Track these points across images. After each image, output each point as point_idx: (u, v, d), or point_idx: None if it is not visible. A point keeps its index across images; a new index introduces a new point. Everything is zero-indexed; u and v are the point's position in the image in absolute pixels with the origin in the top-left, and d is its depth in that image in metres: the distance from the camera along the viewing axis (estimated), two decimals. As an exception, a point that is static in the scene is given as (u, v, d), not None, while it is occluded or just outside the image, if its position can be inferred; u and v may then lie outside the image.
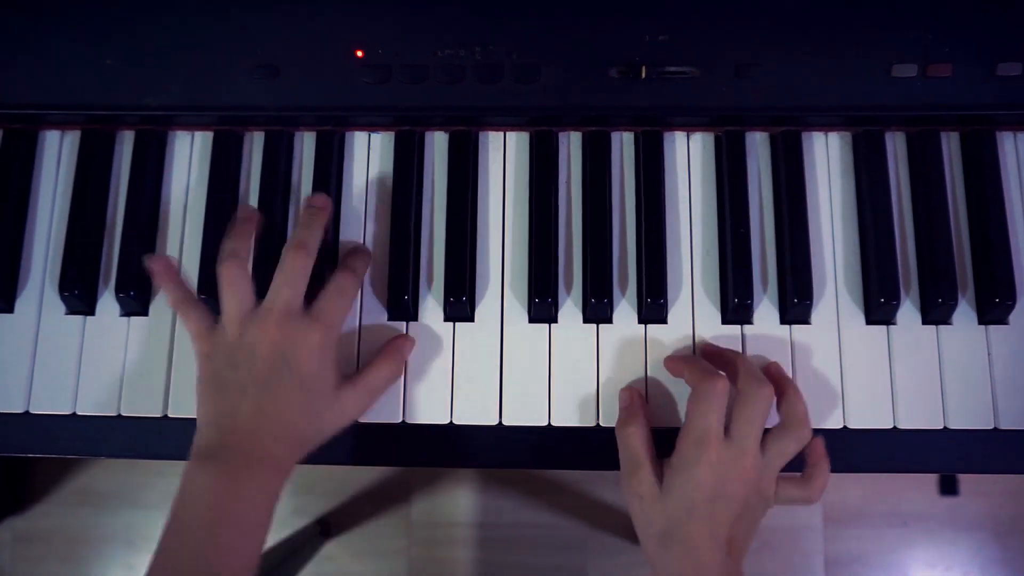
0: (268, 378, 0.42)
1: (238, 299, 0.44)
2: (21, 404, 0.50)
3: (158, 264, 0.48)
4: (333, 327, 0.45)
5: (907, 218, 0.52)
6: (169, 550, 0.39)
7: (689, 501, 0.42)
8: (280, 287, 0.44)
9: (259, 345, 0.42)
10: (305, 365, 0.42)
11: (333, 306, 0.45)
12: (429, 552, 1.14)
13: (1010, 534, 1.15)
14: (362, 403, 0.46)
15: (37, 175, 0.53)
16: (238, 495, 0.40)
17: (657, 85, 0.50)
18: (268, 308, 0.43)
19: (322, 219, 0.48)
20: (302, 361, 0.42)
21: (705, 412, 0.43)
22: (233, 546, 0.39)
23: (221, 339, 0.44)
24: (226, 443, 0.41)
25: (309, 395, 0.43)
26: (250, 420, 0.41)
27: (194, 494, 0.40)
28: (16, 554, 1.16)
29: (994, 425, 0.48)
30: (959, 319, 0.50)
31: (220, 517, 0.39)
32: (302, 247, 0.45)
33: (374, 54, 0.50)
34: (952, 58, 0.49)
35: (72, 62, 0.51)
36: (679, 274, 0.51)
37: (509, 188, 0.52)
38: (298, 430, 0.43)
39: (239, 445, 0.41)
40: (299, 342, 0.42)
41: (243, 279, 0.45)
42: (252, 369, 0.42)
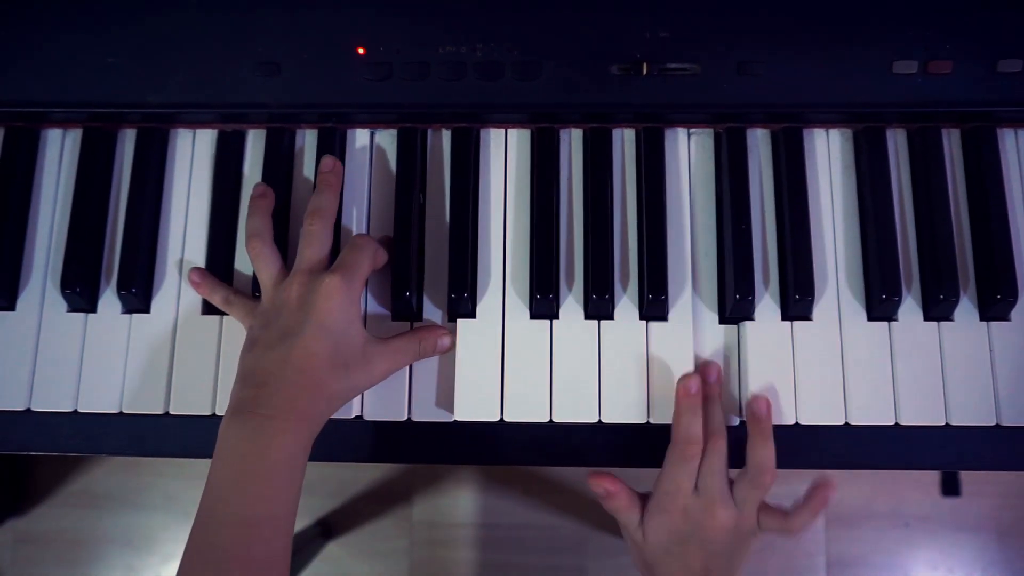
0: (293, 329, 0.43)
1: (268, 270, 0.47)
2: (23, 402, 0.50)
3: (194, 275, 0.50)
4: (352, 277, 0.45)
5: (908, 215, 0.52)
6: (205, 507, 0.40)
7: (663, 543, 0.48)
8: (303, 250, 0.47)
9: (286, 301, 0.44)
10: (327, 314, 0.43)
11: (350, 258, 0.46)
12: (430, 552, 1.14)
13: (1012, 535, 1.14)
14: (388, 365, 0.47)
15: (39, 173, 0.53)
16: (268, 445, 0.40)
17: (658, 82, 0.50)
18: (295, 271, 0.46)
19: (335, 182, 0.50)
20: (324, 310, 0.43)
21: (676, 473, 0.47)
22: (265, 496, 0.40)
23: (259, 308, 0.47)
24: (254, 396, 0.42)
25: (335, 346, 0.43)
26: (276, 372, 0.42)
27: (224, 448, 0.41)
28: (17, 555, 1.16)
29: (996, 422, 0.48)
30: (961, 315, 0.50)
31: (250, 468, 0.40)
32: (318, 212, 0.48)
33: (376, 51, 0.50)
34: (953, 55, 0.49)
35: (74, 60, 0.51)
36: (680, 270, 0.51)
37: (511, 185, 0.52)
38: (324, 382, 0.43)
39: (266, 397, 0.41)
40: (319, 292, 0.44)
41: (269, 252, 0.48)
42: (279, 324, 0.44)
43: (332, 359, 0.43)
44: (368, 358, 0.46)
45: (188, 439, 0.50)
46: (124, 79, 0.51)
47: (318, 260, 0.47)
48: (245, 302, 0.49)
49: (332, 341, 0.44)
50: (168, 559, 1.15)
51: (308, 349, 0.43)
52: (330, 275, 0.45)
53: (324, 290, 0.44)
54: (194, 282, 0.50)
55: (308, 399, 0.42)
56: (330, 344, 0.43)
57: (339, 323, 0.44)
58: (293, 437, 0.41)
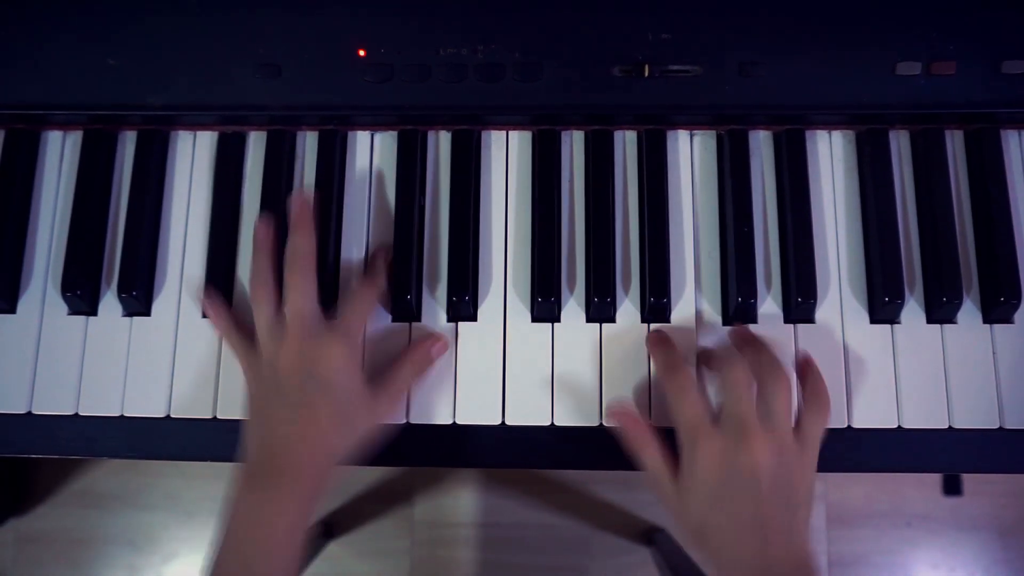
0: (297, 395, 0.43)
1: (264, 317, 0.46)
2: (24, 405, 0.50)
3: (206, 296, 0.50)
4: (354, 336, 0.45)
5: (911, 217, 0.51)
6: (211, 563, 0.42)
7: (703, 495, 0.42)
8: (291, 301, 0.45)
9: (284, 362, 0.43)
10: (331, 378, 0.43)
11: (352, 315, 0.45)
12: (431, 552, 1.14)
13: (1014, 534, 1.14)
14: (393, 406, 0.47)
15: (39, 175, 0.53)
16: (274, 513, 0.41)
17: (660, 84, 0.50)
18: (287, 323, 0.45)
19: (306, 221, 0.48)
20: (327, 375, 0.43)
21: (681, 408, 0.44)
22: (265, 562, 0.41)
23: (255, 360, 0.46)
24: (262, 461, 0.43)
25: (339, 406, 0.44)
26: (284, 438, 0.43)
27: (234, 511, 0.42)
28: (18, 555, 1.16)
29: (999, 424, 0.48)
30: (964, 318, 0.50)
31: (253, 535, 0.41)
32: (294, 259, 0.46)
33: (376, 53, 0.50)
34: (956, 56, 0.49)
35: (74, 62, 0.51)
36: (682, 273, 0.50)
37: (512, 187, 0.52)
38: (332, 443, 0.44)
39: (275, 469, 0.42)
40: (322, 356, 0.43)
41: (266, 297, 0.46)
42: (281, 387, 0.43)
43: (339, 422, 0.44)
44: (372, 407, 0.46)
45: (189, 442, 0.50)
46: (124, 81, 0.51)
47: (309, 312, 0.45)
48: (242, 340, 0.48)
49: (337, 406, 0.44)
50: (169, 558, 1.15)
51: (314, 415, 0.43)
52: (331, 340, 0.44)
53: (326, 361, 0.44)
54: (204, 303, 0.50)
55: (315, 468, 0.43)
56: (336, 409, 0.44)
57: (343, 388, 0.44)
58: (297, 506, 0.42)
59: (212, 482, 1.16)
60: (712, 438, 0.42)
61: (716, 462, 0.41)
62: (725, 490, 0.41)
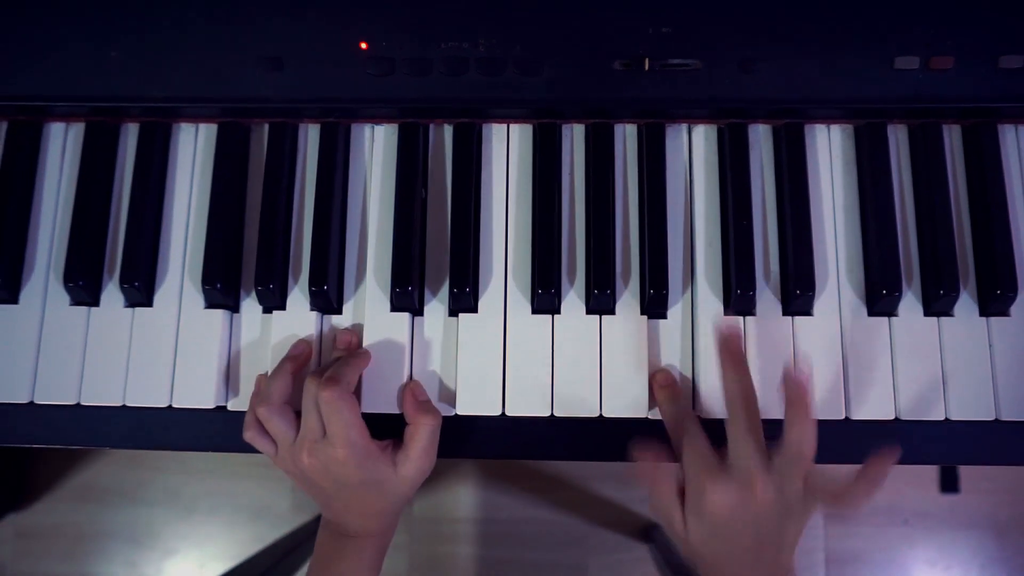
0: (334, 491, 0.48)
1: (280, 436, 0.48)
2: (26, 394, 0.50)
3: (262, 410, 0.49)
4: (350, 441, 0.46)
5: (909, 210, 0.52)
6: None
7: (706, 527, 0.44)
8: (305, 418, 0.47)
9: (310, 473, 0.48)
10: (349, 476, 0.47)
11: (337, 426, 0.46)
12: (430, 548, 1.15)
13: (1010, 532, 1.15)
14: (424, 463, 0.48)
15: (42, 167, 0.54)
16: (343, 555, 0.51)
17: (660, 77, 0.50)
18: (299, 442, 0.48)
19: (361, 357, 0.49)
20: (345, 475, 0.47)
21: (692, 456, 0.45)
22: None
23: (284, 464, 0.49)
24: (330, 522, 0.52)
25: (371, 488, 0.48)
26: (339, 514, 0.50)
27: (316, 548, 0.52)
28: (18, 550, 1.16)
29: (995, 416, 0.49)
30: (961, 311, 0.50)
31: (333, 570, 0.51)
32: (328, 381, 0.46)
33: (378, 46, 0.50)
34: (954, 51, 0.49)
35: (77, 54, 0.51)
36: (682, 265, 0.51)
37: (512, 180, 0.53)
38: (379, 510, 0.50)
39: (338, 525, 0.51)
40: (333, 464, 0.47)
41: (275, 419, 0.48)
42: (317, 484, 0.48)
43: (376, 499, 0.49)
44: (403, 477, 0.48)
45: (191, 432, 0.50)
46: (127, 73, 0.51)
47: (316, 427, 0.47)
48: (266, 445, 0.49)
49: (367, 486, 0.48)
50: (169, 554, 1.15)
51: (354, 500, 0.49)
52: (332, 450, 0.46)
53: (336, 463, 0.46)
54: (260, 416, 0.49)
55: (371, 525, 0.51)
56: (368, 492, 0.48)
57: (361, 475, 0.47)
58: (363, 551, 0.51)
59: (212, 478, 1.16)
60: (718, 485, 0.43)
61: (722, 508, 0.43)
62: (727, 529, 0.44)
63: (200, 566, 1.15)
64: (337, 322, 0.51)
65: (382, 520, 0.51)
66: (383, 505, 0.49)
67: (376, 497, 0.49)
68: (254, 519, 1.15)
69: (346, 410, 0.46)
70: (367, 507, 0.49)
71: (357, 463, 0.46)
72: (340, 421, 0.45)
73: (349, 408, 0.46)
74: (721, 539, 0.44)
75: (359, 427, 0.46)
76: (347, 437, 0.46)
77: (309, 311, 0.51)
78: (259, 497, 1.16)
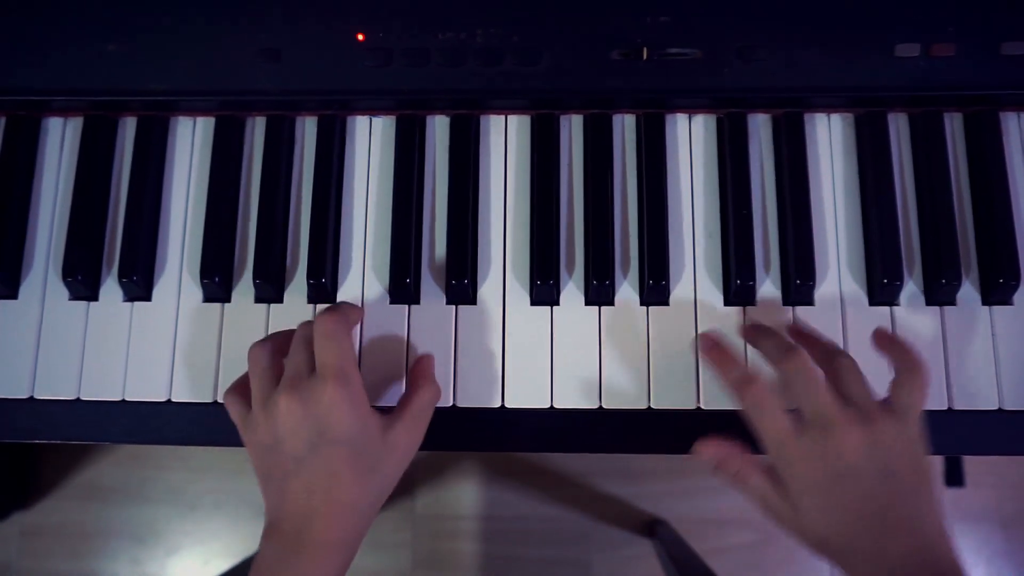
0: (304, 451, 0.40)
1: (259, 379, 0.43)
2: (26, 390, 0.50)
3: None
4: (342, 374, 0.40)
5: (910, 199, 0.51)
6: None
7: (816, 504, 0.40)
8: (292, 355, 0.43)
9: (280, 419, 0.40)
10: (332, 420, 0.40)
11: (330, 355, 0.40)
12: (433, 545, 1.15)
13: (1016, 526, 1.14)
14: (413, 435, 0.43)
15: (40, 162, 0.53)
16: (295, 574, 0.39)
17: (659, 67, 0.50)
18: (281, 385, 0.41)
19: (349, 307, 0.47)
20: (327, 422, 0.40)
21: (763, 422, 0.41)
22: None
23: (252, 424, 0.43)
24: (282, 527, 0.40)
25: (358, 458, 0.40)
26: (301, 503, 0.40)
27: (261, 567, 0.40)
28: (23, 549, 1.16)
29: (999, 406, 0.48)
30: (963, 300, 0.50)
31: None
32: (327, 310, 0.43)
33: (375, 37, 0.50)
34: (956, 38, 0.49)
35: (74, 48, 0.51)
36: (681, 256, 0.51)
37: (511, 171, 0.52)
38: (352, 500, 0.40)
39: (293, 528, 0.40)
40: (315, 406, 0.40)
41: (263, 359, 0.43)
42: (285, 446, 0.40)
43: (355, 470, 0.40)
44: (391, 445, 0.42)
45: (190, 426, 0.50)
46: (124, 67, 0.51)
47: (304, 366, 0.42)
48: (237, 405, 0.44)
49: (356, 459, 0.40)
50: (173, 551, 1.15)
51: (330, 469, 0.40)
52: (319, 384, 0.40)
53: (322, 401, 0.40)
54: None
55: (343, 534, 0.41)
56: (355, 463, 0.40)
57: (357, 436, 0.40)
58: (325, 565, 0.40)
59: (215, 475, 1.17)
60: (802, 443, 0.39)
61: (813, 466, 0.39)
62: (831, 491, 0.39)
63: (204, 563, 1.15)
64: (336, 315, 0.51)
65: (348, 517, 0.40)
66: (357, 483, 0.40)
67: (353, 466, 0.40)
68: (257, 516, 1.16)
69: (345, 339, 0.40)
70: (338, 483, 0.40)
71: (346, 405, 0.40)
72: (337, 348, 0.40)
73: (347, 339, 0.41)
74: (831, 511, 0.38)
75: (354, 361, 0.41)
76: (341, 369, 0.40)
77: (307, 304, 0.51)
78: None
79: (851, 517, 0.39)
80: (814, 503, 0.39)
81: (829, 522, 0.39)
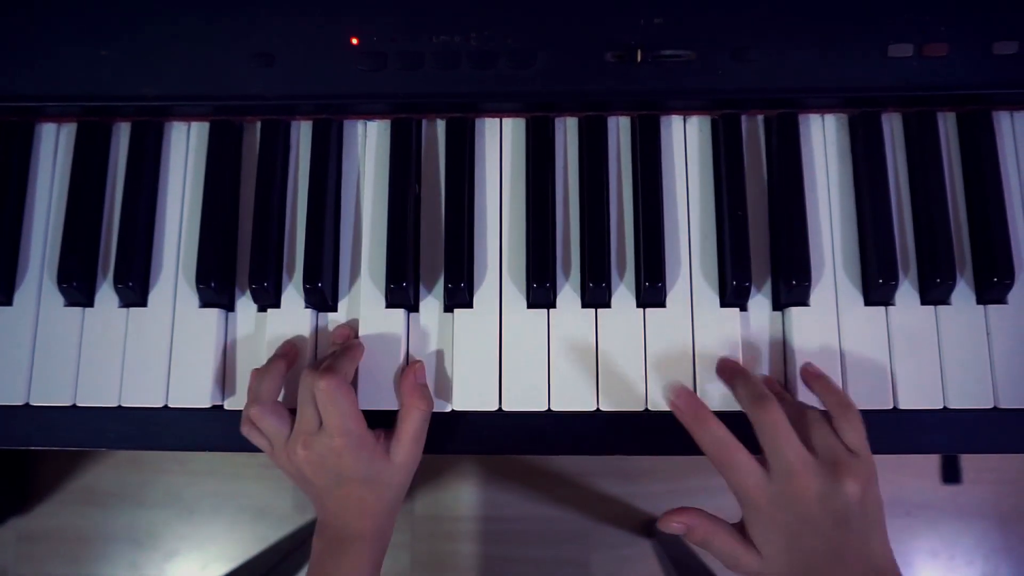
0: (330, 487, 0.48)
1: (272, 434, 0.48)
2: (21, 396, 0.50)
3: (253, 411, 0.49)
4: (347, 431, 0.46)
5: (904, 199, 0.52)
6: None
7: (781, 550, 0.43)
8: (301, 410, 0.47)
9: (305, 467, 0.47)
10: (346, 467, 0.47)
11: (334, 416, 0.46)
12: (432, 546, 1.15)
13: (1013, 522, 1.15)
14: (415, 450, 0.48)
15: (34, 168, 0.53)
16: (339, 564, 0.48)
17: (653, 69, 0.50)
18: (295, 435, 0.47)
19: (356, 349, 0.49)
20: (342, 466, 0.47)
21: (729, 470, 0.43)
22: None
23: (279, 460, 0.49)
24: (326, 526, 0.50)
25: (367, 480, 0.48)
26: (336, 513, 0.49)
27: (312, 559, 0.50)
28: (20, 554, 1.16)
29: (994, 404, 0.48)
30: (958, 299, 0.50)
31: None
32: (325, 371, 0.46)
33: (369, 41, 0.50)
34: (948, 37, 0.49)
35: (68, 54, 0.51)
36: (677, 258, 0.51)
37: (506, 174, 0.52)
38: (375, 507, 0.49)
39: (334, 528, 0.49)
40: (329, 455, 0.46)
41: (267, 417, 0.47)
42: (312, 480, 0.48)
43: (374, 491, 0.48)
44: (398, 465, 0.48)
45: (187, 432, 0.50)
46: (118, 72, 0.51)
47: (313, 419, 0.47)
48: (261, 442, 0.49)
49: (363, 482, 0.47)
50: (171, 555, 1.15)
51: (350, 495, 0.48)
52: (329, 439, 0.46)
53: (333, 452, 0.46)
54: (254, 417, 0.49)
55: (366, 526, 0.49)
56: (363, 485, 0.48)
57: (357, 465, 0.47)
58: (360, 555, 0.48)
59: (213, 479, 1.16)
60: (766, 489, 0.43)
61: (777, 510, 0.42)
62: (796, 533, 0.42)
63: (202, 567, 1.15)
64: (332, 319, 0.51)
65: (378, 519, 0.49)
66: (379, 499, 0.49)
67: (372, 490, 0.48)
68: (256, 520, 1.15)
69: (343, 399, 0.46)
70: (364, 502, 0.48)
71: (354, 453, 0.46)
72: (337, 411, 0.45)
73: (346, 397, 0.46)
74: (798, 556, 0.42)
75: (356, 417, 0.46)
76: (344, 427, 0.46)
77: (304, 308, 0.51)
78: (260, 497, 1.16)
79: (811, 557, 0.42)
80: (777, 547, 0.43)
81: (790, 563, 0.43)
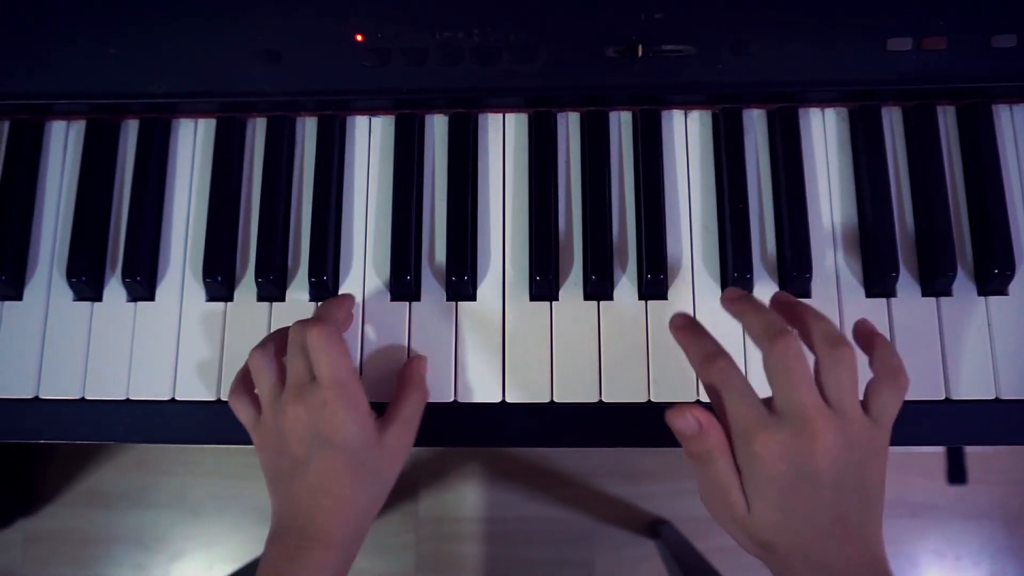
0: (307, 454, 0.43)
1: (266, 385, 0.45)
2: (31, 390, 0.51)
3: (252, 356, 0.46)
4: (339, 381, 0.42)
5: (905, 191, 0.52)
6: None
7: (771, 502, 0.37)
8: (291, 363, 0.44)
9: (287, 425, 0.43)
10: (335, 426, 0.42)
11: (325, 365, 0.42)
12: (436, 547, 1.15)
13: (1020, 522, 1.14)
14: (405, 438, 0.46)
15: (44, 165, 0.54)
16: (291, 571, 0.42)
17: (654, 63, 0.50)
18: (285, 391, 0.44)
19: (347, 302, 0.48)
20: (330, 426, 0.42)
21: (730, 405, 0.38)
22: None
23: (263, 428, 0.45)
24: (286, 524, 0.43)
25: (356, 462, 0.43)
26: (309, 511, 0.43)
27: (265, 569, 0.43)
28: (26, 555, 1.16)
29: (996, 395, 0.49)
30: (958, 290, 0.50)
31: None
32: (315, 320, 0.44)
33: (373, 38, 0.51)
34: (947, 31, 0.49)
35: (76, 53, 0.51)
36: (679, 250, 0.51)
37: (509, 169, 0.53)
38: (358, 502, 0.43)
39: (297, 527, 0.43)
40: (319, 411, 0.42)
41: (267, 367, 0.45)
42: (291, 450, 0.43)
43: (354, 472, 0.43)
44: (385, 444, 0.44)
45: (194, 425, 0.51)
46: (126, 70, 0.51)
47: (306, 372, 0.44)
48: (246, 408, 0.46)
49: (354, 463, 0.43)
50: (177, 557, 1.15)
51: (329, 470, 0.42)
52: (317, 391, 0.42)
53: (327, 412, 0.42)
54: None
55: (339, 525, 0.43)
56: (353, 466, 0.43)
57: (354, 441, 0.43)
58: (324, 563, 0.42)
59: (219, 480, 1.17)
60: (770, 432, 0.36)
61: (778, 458, 0.36)
62: (789, 492, 0.36)
63: (208, 568, 1.15)
64: (337, 313, 0.52)
65: (349, 522, 0.43)
66: (356, 490, 0.43)
67: (354, 471, 0.43)
68: (261, 520, 1.16)
69: (334, 348, 0.42)
70: (340, 487, 0.43)
71: (345, 409, 0.42)
72: (328, 359, 0.42)
73: (338, 346, 0.42)
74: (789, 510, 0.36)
75: (348, 369, 0.43)
76: (336, 376, 0.42)
77: (309, 302, 0.51)
78: (265, 498, 1.15)
79: (804, 523, 0.37)
80: (770, 502, 0.37)
81: (779, 524, 0.37)
